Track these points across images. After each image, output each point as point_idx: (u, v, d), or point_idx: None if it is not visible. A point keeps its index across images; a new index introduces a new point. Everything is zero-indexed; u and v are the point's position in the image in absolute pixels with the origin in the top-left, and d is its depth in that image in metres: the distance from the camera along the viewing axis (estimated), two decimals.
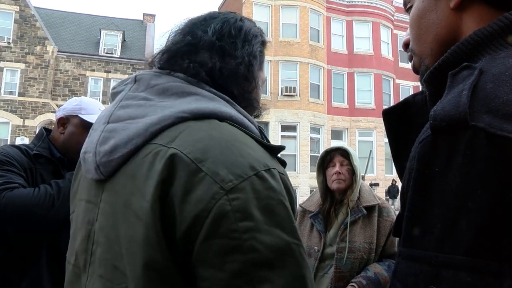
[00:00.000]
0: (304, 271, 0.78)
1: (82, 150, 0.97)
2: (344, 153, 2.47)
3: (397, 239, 2.35)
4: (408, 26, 0.90)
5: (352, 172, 2.46)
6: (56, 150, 2.09)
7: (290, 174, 22.15)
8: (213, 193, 0.76)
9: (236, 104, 0.96)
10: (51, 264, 1.90)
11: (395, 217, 2.43)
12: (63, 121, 2.13)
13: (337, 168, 2.43)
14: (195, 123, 0.86)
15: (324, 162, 2.53)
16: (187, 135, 0.83)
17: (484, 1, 0.75)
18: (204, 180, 0.77)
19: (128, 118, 0.89)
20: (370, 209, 2.42)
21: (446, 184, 0.58)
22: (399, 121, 0.86)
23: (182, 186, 0.77)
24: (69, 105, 2.16)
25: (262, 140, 0.90)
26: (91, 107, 2.17)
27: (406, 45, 0.91)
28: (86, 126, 2.11)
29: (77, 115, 2.12)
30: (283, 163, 0.95)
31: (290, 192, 0.86)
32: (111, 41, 29.01)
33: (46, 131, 2.18)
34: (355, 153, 2.51)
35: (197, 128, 0.85)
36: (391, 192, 20.72)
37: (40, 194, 1.80)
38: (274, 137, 22.98)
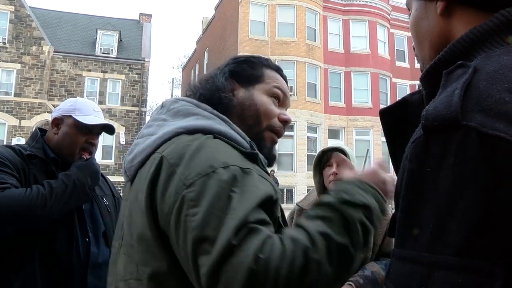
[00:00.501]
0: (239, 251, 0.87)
1: None
2: (341, 153, 2.44)
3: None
4: (405, 25, 0.90)
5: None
6: (50, 151, 2.08)
7: (287, 173, 22.19)
8: (178, 188, 0.96)
9: (230, 123, 1.18)
10: (45, 263, 1.89)
11: (390, 214, 2.43)
12: (57, 122, 2.13)
13: (334, 169, 2.40)
14: (186, 136, 1.08)
15: (321, 162, 2.50)
16: (175, 145, 1.06)
17: (470, 4, 0.76)
18: (175, 179, 0.98)
19: (148, 135, 1.16)
20: None
21: (437, 184, 0.58)
22: (396, 120, 0.86)
23: (162, 184, 0.99)
24: (64, 106, 2.16)
25: (239, 147, 1.09)
26: (86, 108, 2.17)
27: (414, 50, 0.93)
28: (79, 126, 2.12)
29: (71, 116, 2.12)
30: (272, 160, 1.33)
31: (255, 181, 1.00)
32: (107, 41, 28.97)
33: (40, 132, 2.17)
34: (352, 152, 2.48)
35: (184, 140, 1.07)
36: None
37: (32, 194, 1.80)
38: None
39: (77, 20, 30.97)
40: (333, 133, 24.83)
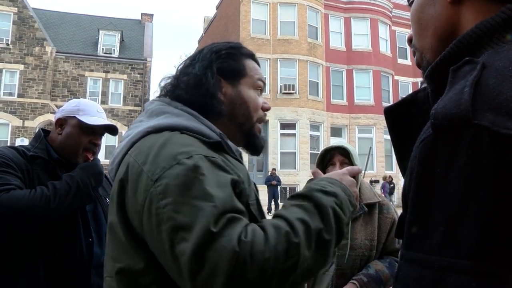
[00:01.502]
0: (215, 230, 0.90)
1: None
2: (344, 152, 2.42)
3: None
4: (407, 22, 0.89)
5: None
6: (54, 151, 2.09)
7: (290, 171, 22.19)
8: (146, 185, 0.99)
9: (199, 117, 1.22)
10: (48, 263, 1.91)
11: (395, 214, 2.43)
12: (60, 122, 2.14)
13: (337, 168, 2.38)
14: (153, 135, 1.12)
15: (324, 160, 2.49)
16: (142, 145, 1.11)
17: None
18: (143, 178, 1.01)
19: (126, 136, 1.20)
20: (370, 206, 2.41)
21: (448, 185, 0.56)
22: (401, 119, 0.84)
23: (132, 184, 1.04)
24: (68, 107, 2.17)
25: (203, 138, 1.13)
26: (89, 108, 2.18)
27: (410, 41, 0.90)
28: (83, 127, 2.13)
29: (74, 116, 2.13)
30: (261, 149, 1.37)
31: (221, 168, 1.05)
32: (109, 41, 29.04)
33: (44, 132, 2.18)
34: (355, 151, 2.47)
35: (151, 139, 1.11)
36: (386, 188, 20.67)
37: (36, 195, 1.81)
38: (274, 135, 22.97)
39: (79, 20, 31.03)
40: (336, 131, 24.80)
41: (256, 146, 1.37)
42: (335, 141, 2.56)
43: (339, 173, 1.25)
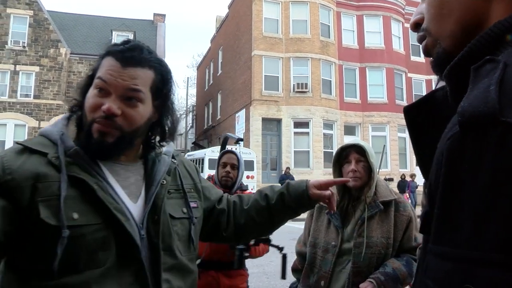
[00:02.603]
0: None
1: None
2: (360, 150, 2.44)
3: (415, 234, 2.39)
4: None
5: (368, 168, 2.44)
6: None
7: (304, 170, 22.18)
8: None
9: (59, 121, 1.38)
10: None
11: (411, 212, 2.44)
12: None
13: (352, 166, 2.42)
14: None
15: (340, 158, 2.52)
16: None
17: None
18: None
19: None
20: (386, 204, 2.42)
21: (476, 181, 0.56)
22: (420, 117, 0.84)
23: None
24: None
25: (23, 143, 1.27)
26: None
27: (416, 25, 0.88)
28: None
29: None
30: (98, 152, 1.31)
31: (2, 163, 1.20)
32: None
33: None
34: (371, 149, 2.50)
35: None
36: (401, 186, 20.52)
37: None
38: (287, 134, 23.00)
39: (92, 22, 31.28)
40: (349, 130, 24.74)
41: (91, 149, 1.29)
42: (351, 139, 2.55)
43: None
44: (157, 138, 1.49)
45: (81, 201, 1.21)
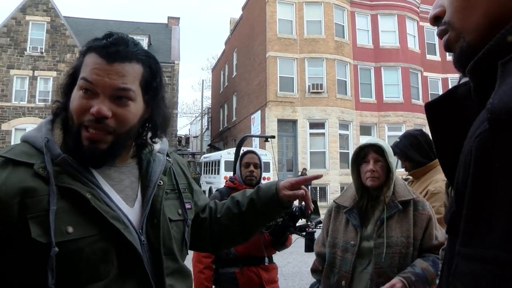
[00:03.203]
0: None
1: None
2: (378, 150, 2.43)
3: (435, 232, 2.38)
4: None
5: (387, 168, 2.43)
6: None
7: (320, 171, 22.07)
8: None
9: (42, 126, 1.27)
10: None
11: (430, 211, 2.42)
12: None
13: (370, 166, 2.42)
14: None
15: (358, 158, 2.51)
16: None
17: None
18: None
19: None
20: (405, 203, 2.41)
21: (508, 180, 0.54)
22: (442, 114, 0.81)
23: None
24: None
25: (5, 155, 1.16)
26: None
27: (436, 19, 0.83)
28: None
29: None
30: (89, 159, 1.22)
31: None
32: None
33: None
34: (390, 148, 2.49)
35: None
36: None
37: None
38: (303, 135, 22.94)
39: (107, 26, 31.50)
40: (365, 130, 24.59)
41: (80, 156, 1.20)
42: (369, 139, 2.60)
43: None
44: (149, 135, 1.40)
45: (74, 213, 1.12)
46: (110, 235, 1.15)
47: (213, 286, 3.21)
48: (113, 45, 1.21)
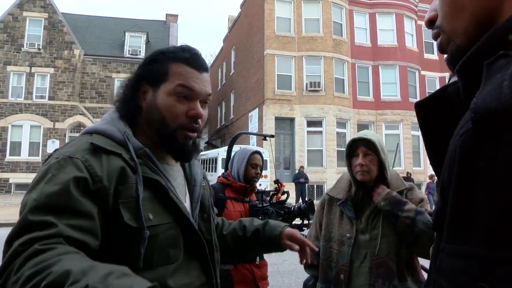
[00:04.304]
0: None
1: None
2: (368, 143, 2.39)
3: (428, 209, 2.39)
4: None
5: (379, 161, 2.40)
6: None
7: (317, 169, 22.16)
8: None
9: (115, 120, 1.36)
10: None
11: (419, 194, 2.44)
12: None
13: (359, 160, 2.39)
14: (82, 136, 1.32)
15: (350, 151, 2.48)
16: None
17: None
18: None
19: None
20: (399, 194, 2.40)
21: (492, 178, 0.56)
22: (432, 113, 0.82)
23: None
24: None
25: (91, 141, 1.24)
26: None
27: (430, 22, 0.85)
28: None
29: None
30: (184, 156, 1.42)
31: (76, 167, 1.15)
32: (135, 43, 29.39)
33: None
34: (380, 141, 2.45)
35: (73, 139, 1.32)
36: None
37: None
38: (300, 133, 22.97)
39: (105, 23, 31.51)
40: (362, 128, 24.47)
41: (177, 153, 1.40)
42: (360, 132, 2.57)
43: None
44: None
45: (154, 202, 1.25)
46: (180, 224, 1.31)
47: None
48: (199, 57, 1.41)
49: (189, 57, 1.38)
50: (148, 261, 1.19)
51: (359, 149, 2.41)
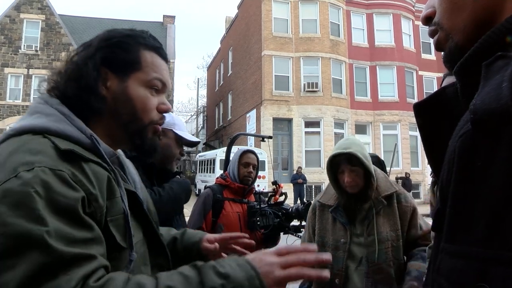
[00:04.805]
0: (48, 257, 0.80)
1: None
2: (351, 157, 2.31)
3: (420, 222, 2.40)
4: None
5: (365, 172, 2.35)
6: None
7: (315, 170, 22.14)
8: None
9: (70, 116, 1.06)
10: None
11: (413, 202, 2.44)
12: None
13: (346, 178, 2.35)
14: (13, 139, 0.99)
15: (333, 167, 2.41)
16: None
17: None
18: None
19: None
20: (388, 198, 2.41)
21: (490, 179, 0.56)
22: (430, 114, 0.82)
23: None
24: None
25: (58, 146, 0.96)
26: (181, 123, 2.39)
27: (427, 19, 0.85)
28: (178, 140, 2.33)
29: (171, 130, 2.31)
30: (152, 152, 1.21)
31: (67, 184, 0.91)
32: None
33: None
34: (364, 152, 2.37)
35: (9, 143, 0.98)
36: (407, 185, 20.11)
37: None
38: (298, 134, 22.96)
39: (102, 24, 31.46)
40: (360, 128, 24.64)
41: (144, 150, 1.21)
42: (340, 143, 2.43)
43: (263, 256, 0.98)
44: None
45: (132, 216, 1.08)
46: (148, 237, 1.17)
47: None
48: (161, 46, 1.26)
49: (158, 45, 1.24)
50: None
51: (342, 166, 2.36)
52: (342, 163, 2.35)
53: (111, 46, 1.17)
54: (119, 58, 1.16)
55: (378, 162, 3.13)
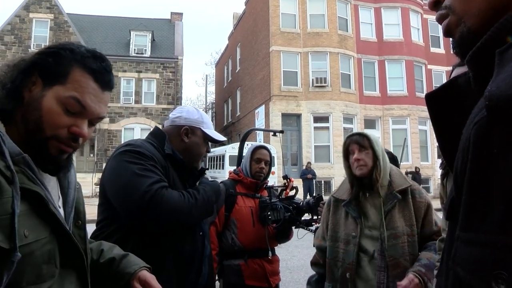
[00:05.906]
0: None
1: None
2: (361, 138, 2.47)
3: (435, 218, 2.41)
4: None
5: (374, 156, 2.45)
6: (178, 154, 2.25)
7: (324, 165, 22.12)
8: None
9: None
10: (175, 257, 2.09)
11: (427, 198, 2.46)
12: (187, 131, 2.31)
13: (355, 155, 2.45)
14: None
15: (347, 151, 2.55)
16: None
17: None
18: None
19: None
20: (403, 192, 2.44)
21: (506, 166, 0.55)
22: (443, 104, 0.82)
23: None
24: (192, 116, 2.35)
25: None
26: (208, 121, 2.40)
27: (435, 3, 0.82)
28: (206, 139, 2.35)
29: (200, 128, 2.33)
30: (54, 170, 1.18)
31: None
32: (140, 42, 29.50)
33: None
34: (374, 136, 2.52)
35: None
36: (416, 180, 20.06)
37: (185, 200, 2.03)
38: (307, 129, 22.95)
39: (110, 22, 31.64)
40: (369, 123, 24.56)
41: (44, 164, 1.16)
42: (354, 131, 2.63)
43: None
44: None
45: (31, 216, 1.06)
46: (57, 236, 1.14)
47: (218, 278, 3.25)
48: (108, 73, 1.24)
49: (96, 68, 1.20)
50: (17, 284, 1.02)
51: (353, 146, 2.48)
52: (352, 144, 2.49)
53: (47, 54, 1.18)
54: (49, 67, 1.16)
55: (392, 158, 3.15)
